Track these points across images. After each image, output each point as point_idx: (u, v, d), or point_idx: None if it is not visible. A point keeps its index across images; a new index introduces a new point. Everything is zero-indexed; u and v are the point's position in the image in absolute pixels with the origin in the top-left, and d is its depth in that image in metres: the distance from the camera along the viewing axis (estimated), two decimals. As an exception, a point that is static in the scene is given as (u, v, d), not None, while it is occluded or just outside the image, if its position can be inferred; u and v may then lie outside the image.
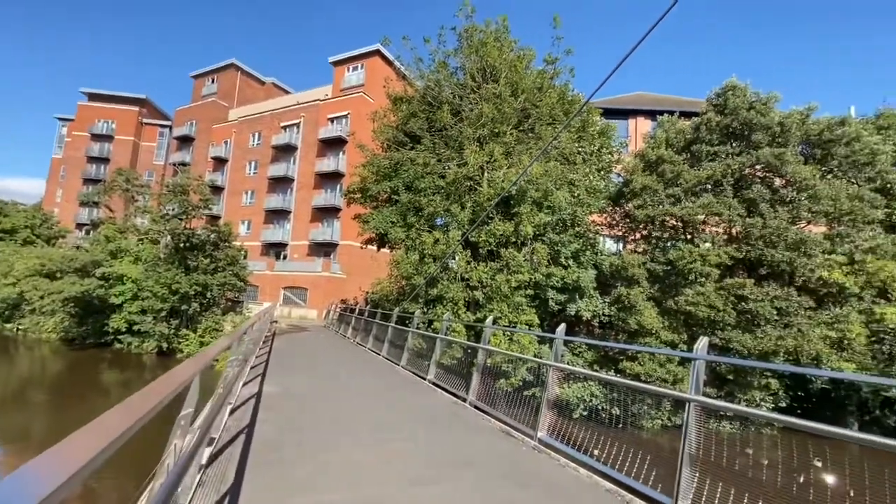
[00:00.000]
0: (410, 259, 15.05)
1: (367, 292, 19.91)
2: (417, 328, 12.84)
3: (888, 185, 16.32)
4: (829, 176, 15.79)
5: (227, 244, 29.98)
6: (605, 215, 18.58)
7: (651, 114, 25.49)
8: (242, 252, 32.62)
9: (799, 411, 14.74)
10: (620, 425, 11.76)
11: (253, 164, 43.78)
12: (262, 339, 13.40)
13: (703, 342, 3.82)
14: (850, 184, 15.52)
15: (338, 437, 5.17)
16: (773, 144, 15.34)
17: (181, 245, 27.97)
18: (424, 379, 9.30)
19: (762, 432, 13.20)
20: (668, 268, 15.50)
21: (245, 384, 7.57)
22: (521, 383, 14.24)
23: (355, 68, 40.42)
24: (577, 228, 16.30)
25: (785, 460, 3.35)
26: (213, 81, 51.71)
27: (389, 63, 35.36)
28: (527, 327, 15.03)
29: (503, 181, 14.87)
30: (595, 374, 11.25)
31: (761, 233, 14.54)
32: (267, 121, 43.43)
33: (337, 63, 41.16)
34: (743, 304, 14.18)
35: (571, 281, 15.07)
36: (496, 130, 15.64)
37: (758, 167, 15.79)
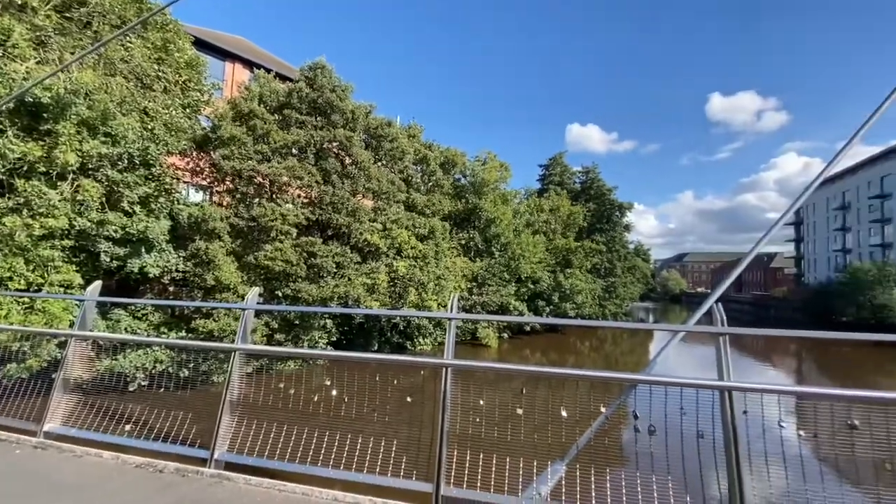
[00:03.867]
0: None
1: None
2: None
3: (409, 177, 23.34)
4: (380, 163, 20.73)
5: None
6: (188, 159, 16.51)
7: (250, 64, 24.62)
8: None
9: (344, 341, 19.00)
10: (180, 387, 11.10)
11: None
12: None
13: (252, 292, 3.99)
14: (390, 171, 21.03)
15: None
16: (346, 128, 18.43)
17: None
18: None
19: (319, 364, 16.05)
20: (252, 223, 15.74)
21: None
22: (46, 363, 10.87)
23: None
24: (150, 169, 13.58)
25: (314, 386, 4.09)
26: None
27: None
28: (62, 290, 11.35)
29: (27, 79, 10.31)
30: (133, 338, 10.00)
31: (331, 199, 17.29)
32: None
33: None
34: (313, 259, 16.47)
35: (136, 231, 12.50)
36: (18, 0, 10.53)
37: (334, 144, 18.52)
